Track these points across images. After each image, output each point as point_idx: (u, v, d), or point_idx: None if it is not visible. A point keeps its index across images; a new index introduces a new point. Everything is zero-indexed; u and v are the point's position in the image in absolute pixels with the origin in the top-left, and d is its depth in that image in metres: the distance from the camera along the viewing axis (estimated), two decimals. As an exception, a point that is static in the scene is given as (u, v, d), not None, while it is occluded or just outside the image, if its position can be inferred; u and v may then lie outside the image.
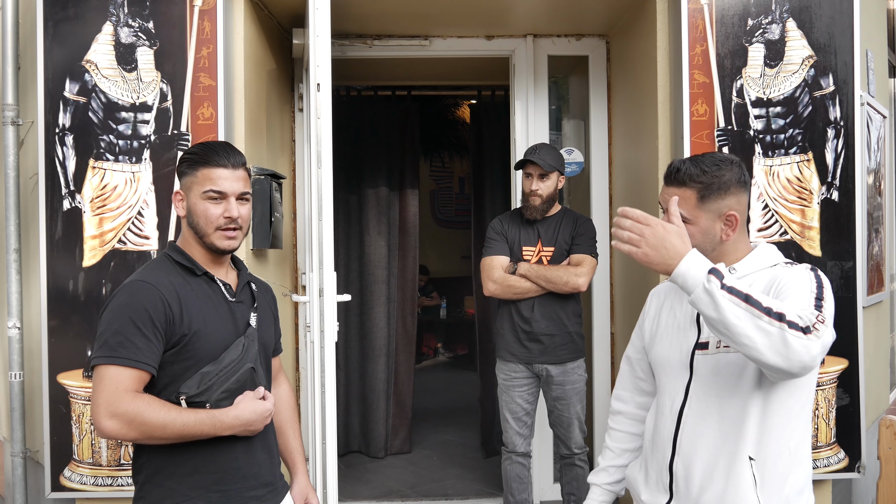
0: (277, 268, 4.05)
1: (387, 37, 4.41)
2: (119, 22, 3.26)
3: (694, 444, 1.83)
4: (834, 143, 3.37)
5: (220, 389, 1.86)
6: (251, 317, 2.01)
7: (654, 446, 1.97)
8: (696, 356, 1.87)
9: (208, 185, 1.92)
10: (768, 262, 1.87)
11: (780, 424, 1.77)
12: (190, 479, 1.87)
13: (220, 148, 1.97)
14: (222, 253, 1.98)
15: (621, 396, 2.22)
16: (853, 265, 3.40)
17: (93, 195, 3.25)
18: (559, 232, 3.52)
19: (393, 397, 5.47)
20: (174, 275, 1.93)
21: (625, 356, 2.21)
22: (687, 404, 1.87)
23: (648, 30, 3.67)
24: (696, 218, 1.83)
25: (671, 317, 1.99)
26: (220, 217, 1.92)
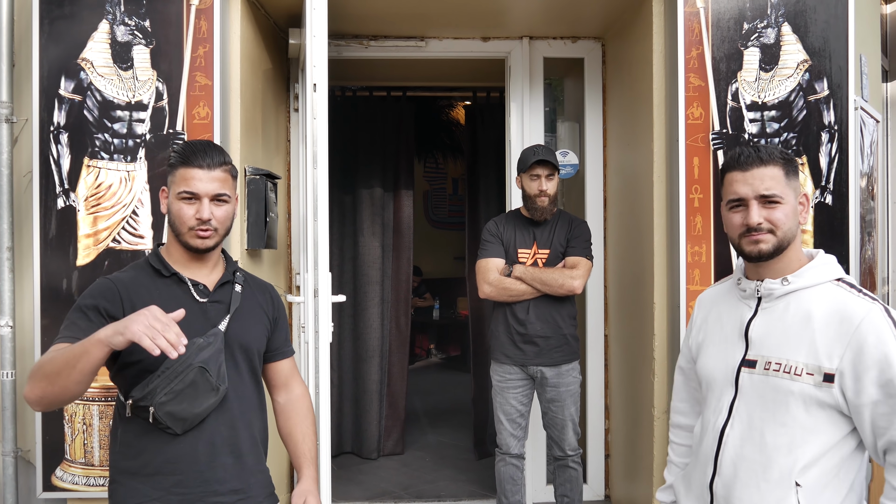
0: (272, 268, 4.04)
1: (383, 37, 4.41)
2: (115, 20, 3.25)
3: (734, 467, 1.77)
4: (828, 147, 3.39)
5: (163, 391, 1.81)
6: (225, 318, 1.97)
7: (696, 462, 1.91)
8: (742, 373, 1.80)
9: (182, 186, 1.92)
10: (828, 275, 1.78)
11: (832, 452, 1.69)
12: (152, 479, 1.87)
13: (199, 148, 1.95)
14: (198, 251, 1.96)
15: (679, 409, 2.15)
16: (847, 269, 3.41)
17: (87, 194, 3.24)
18: (555, 234, 3.52)
19: (386, 398, 5.46)
20: (145, 276, 1.96)
21: (677, 367, 2.15)
22: (729, 423, 1.80)
23: (644, 33, 3.68)
24: (785, 196, 1.75)
25: (718, 326, 1.92)
26: (192, 218, 1.92)
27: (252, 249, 3.61)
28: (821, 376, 1.66)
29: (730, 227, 1.83)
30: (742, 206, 1.78)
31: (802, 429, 1.68)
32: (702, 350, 1.96)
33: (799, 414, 1.69)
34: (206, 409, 1.88)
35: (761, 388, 1.75)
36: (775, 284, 1.78)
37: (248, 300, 2.07)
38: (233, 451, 1.95)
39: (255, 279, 2.18)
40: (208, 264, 2.02)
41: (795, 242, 1.79)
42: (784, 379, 1.70)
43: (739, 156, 1.80)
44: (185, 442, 1.87)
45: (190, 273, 1.99)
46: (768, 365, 1.74)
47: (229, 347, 1.96)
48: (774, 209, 1.75)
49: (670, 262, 3.46)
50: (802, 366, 1.69)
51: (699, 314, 2.03)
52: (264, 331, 2.10)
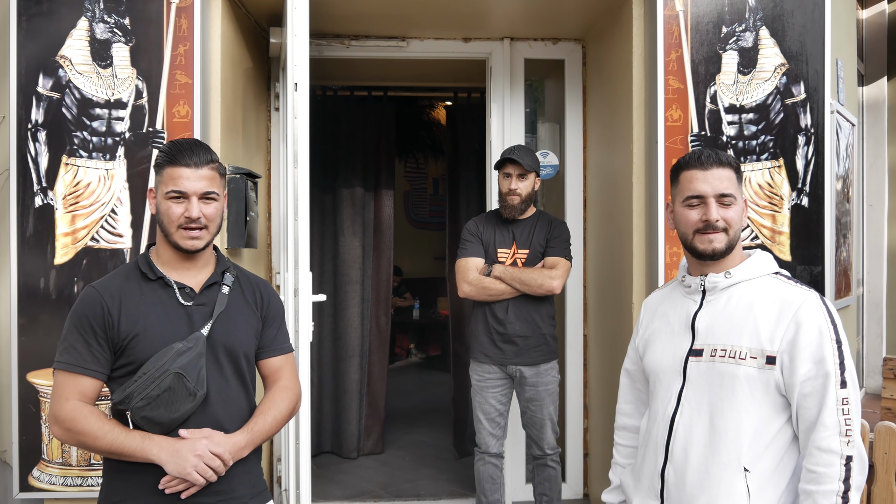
0: (252, 267, 4.03)
1: (364, 37, 4.41)
2: (94, 17, 3.23)
3: (685, 453, 1.84)
4: (804, 149, 3.43)
5: (139, 396, 1.83)
6: (208, 322, 1.95)
7: (646, 452, 1.97)
8: (690, 362, 1.88)
9: (171, 185, 1.92)
10: (765, 269, 1.90)
11: (776, 438, 1.78)
12: (136, 477, 1.88)
13: (185, 146, 1.95)
14: (188, 252, 1.95)
15: (624, 410, 2.21)
16: (822, 270, 3.46)
17: (65, 192, 3.22)
18: (534, 234, 3.54)
19: (366, 398, 5.46)
20: (132, 280, 1.97)
21: (623, 369, 2.21)
22: (679, 411, 1.88)
23: (624, 35, 3.70)
24: (738, 197, 1.88)
25: (664, 322, 2.00)
26: (181, 217, 1.92)
27: (232, 248, 3.60)
28: (763, 359, 1.77)
29: (684, 224, 1.92)
30: (700, 204, 1.88)
31: (747, 412, 1.78)
32: (649, 346, 2.04)
33: (744, 397, 1.78)
34: (184, 414, 1.88)
35: (708, 375, 1.84)
36: (719, 278, 1.89)
37: (237, 301, 2.04)
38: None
39: (250, 277, 2.15)
40: (197, 264, 2.01)
41: (738, 242, 1.92)
42: (730, 364, 1.81)
43: (700, 155, 1.90)
44: None
45: (178, 275, 1.98)
46: (714, 352, 1.84)
47: (213, 350, 1.95)
48: (729, 208, 1.87)
49: (649, 263, 3.49)
50: (746, 350, 1.80)
51: (645, 316, 2.13)
52: (253, 331, 2.06)
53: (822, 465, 1.69)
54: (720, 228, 1.85)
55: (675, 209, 1.95)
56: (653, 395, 2.00)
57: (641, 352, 2.08)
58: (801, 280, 3.36)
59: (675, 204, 1.96)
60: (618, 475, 2.18)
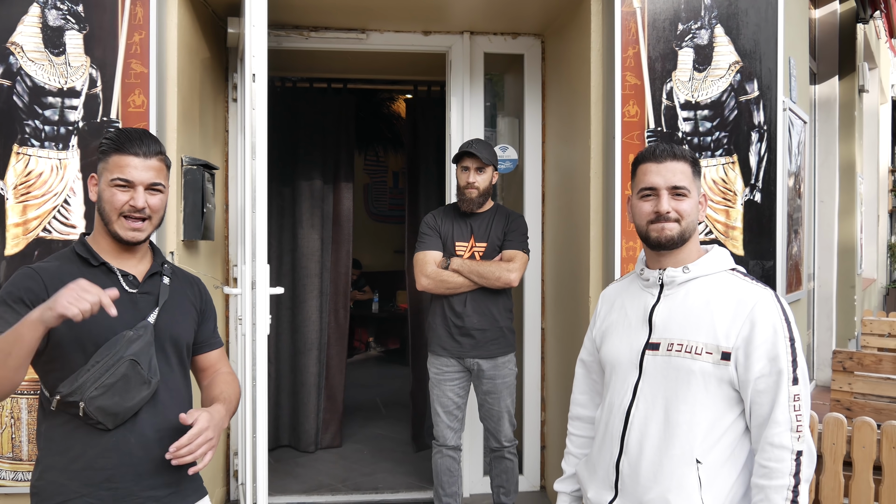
0: (209, 259, 3.99)
1: (324, 28, 4.38)
2: (46, 4, 3.16)
3: (640, 445, 1.87)
4: (757, 146, 3.50)
5: (93, 385, 1.78)
6: (154, 310, 1.93)
7: (602, 443, 1.99)
8: (646, 356, 1.91)
9: (117, 173, 1.88)
10: (722, 265, 1.93)
11: (728, 431, 1.82)
12: (81, 475, 1.82)
13: (135, 135, 1.92)
14: (128, 244, 1.92)
15: (579, 401, 2.23)
16: (773, 264, 3.53)
17: (16, 182, 3.15)
18: (492, 228, 3.56)
19: (324, 391, 5.44)
20: (72, 265, 1.91)
21: (579, 360, 2.23)
22: (634, 404, 1.90)
23: (582, 31, 3.74)
24: (691, 191, 1.91)
25: (622, 315, 2.03)
26: (126, 205, 1.88)
27: (188, 240, 3.56)
28: (719, 355, 1.80)
29: (639, 215, 1.96)
30: (653, 196, 1.92)
31: (702, 406, 1.81)
32: (605, 338, 2.07)
33: (699, 392, 1.82)
34: (138, 402, 1.84)
35: (664, 369, 1.87)
36: (677, 272, 1.92)
37: (177, 293, 2.04)
38: (165, 445, 1.87)
39: (183, 272, 2.15)
40: (136, 255, 1.98)
41: (694, 236, 1.95)
42: (685, 358, 1.83)
43: (655, 149, 1.94)
44: (117, 436, 1.83)
45: (118, 263, 1.94)
46: (671, 346, 1.87)
47: (159, 340, 1.93)
48: (682, 201, 1.90)
49: (605, 257, 3.53)
50: (702, 345, 1.82)
51: (603, 307, 2.15)
52: (192, 323, 2.07)
53: (773, 461, 1.73)
54: (672, 219, 1.88)
55: (632, 201, 1.99)
56: (608, 387, 2.02)
57: (598, 343, 2.10)
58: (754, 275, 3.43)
59: (632, 197, 2.00)
60: (571, 465, 2.20)
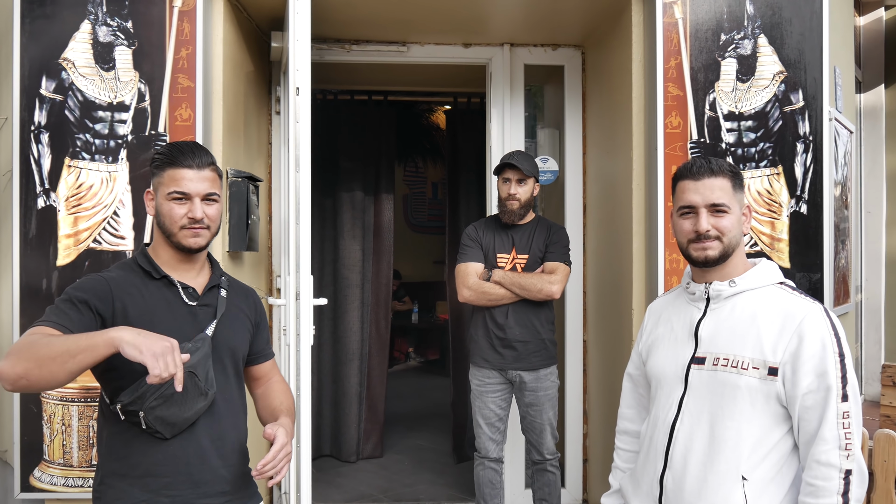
0: (253, 270, 4.05)
1: (365, 42, 4.42)
2: (97, 20, 3.24)
3: (684, 460, 1.85)
4: (803, 157, 3.45)
5: (153, 396, 1.80)
6: (212, 323, 1.97)
7: (646, 458, 1.98)
8: (692, 370, 1.89)
9: (173, 187, 1.92)
10: (770, 279, 1.90)
11: (776, 448, 1.79)
12: (141, 482, 1.87)
13: (187, 148, 1.96)
14: (190, 251, 1.96)
15: (626, 415, 2.22)
16: (821, 277, 3.47)
17: (68, 194, 3.23)
18: (533, 239, 3.55)
19: (365, 401, 5.47)
20: (135, 276, 1.95)
21: (626, 374, 2.22)
22: (679, 418, 1.88)
23: (623, 42, 3.73)
24: (732, 206, 1.89)
25: (668, 328, 2.01)
26: (184, 217, 1.92)
27: (234, 251, 3.61)
28: (766, 370, 1.77)
29: (679, 233, 1.94)
30: (692, 214, 1.90)
31: (748, 422, 1.78)
32: (652, 351, 2.05)
33: (745, 407, 1.79)
34: (195, 413, 1.88)
35: (710, 384, 1.85)
36: (723, 286, 1.90)
37: (233, 305, 2.07)
38: (221, 454, 1.95)
39: (238, 284, 2.18)
40: (196, 266, 2.02)
41: (739, 249, 1.92)
42: (732, 374, 1.81)
43: (692, 166, 1.92)
44: (174, 445, 1.88)
45: (178, 276, 1.98)
46: (717, 361, 1.84)
47: (217, 351, 1.96)
48: (722, 217, 1.88)
49: (648, 269, 3.50)
50: (749, 360, 1.79)
51: (649, 321, 2.14)
52: (247, 335, 2.11)
53: (820, 479, 1.69)
54: (712, 237, 1.86)
55: (673, 218, 1.98)
56: (654, 401, 2.00)
57: (644, 357, 2.08)
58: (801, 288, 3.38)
59: (673, 213, 1.98)
60: (617, 479, 2.19)
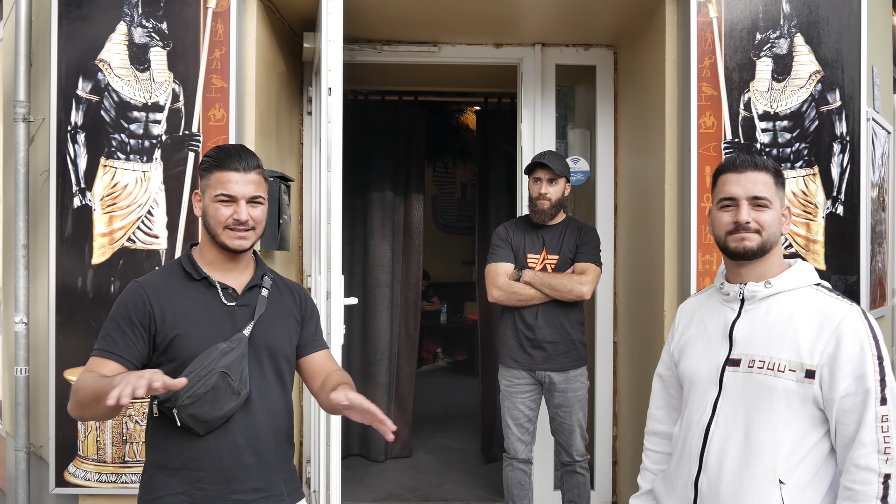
0: (284, 269, 4.07)
1: (396, 42, 4.43)
2: (133, 22, 3.28)
3: (720, 463, 1.83)
4: (840, 157, 3.40)
5: (186, 394, 1.86)
6: (250, 323, 2.00)
7: (680, 460, 1.96)
8: (727, 372, 1.87)
9: (219, 189, 1.97)
10: (807, 280, 1.87)
11: (812, 451, 1.76)
12: (178, 474, 1.93)
13: (233, 151, 2.00)
14: (234, 252, 2.00)
15: (656, 416, 2.20)
16: (857, 279, 3.42)
17: (103, 193, 3.27)
18: (564, 240, 3.54)
19: (394, 401, 5.48)
20: (176, 278, 2.02)
21: (656, 374, 2.20)
22: (714, 421, 1.86)
23: (657, 42, 3.69)
24: (773, 202, 1.87)
25: (701, 329, 1.99)
26: (230, 218, 1.96)
27: (265, 251, 3.63)
28: (803, 372, 1.75)
29: (718, 225, 1.92)
30: (733, 206, 1.89)
31: (785, 425, 1.76)
32: (684, 353, 2.02)
33: (782, 410, 1.76)
34: (228, 412, 1.92)
35: (745, 386, 1.82)
36: (758, 287, 1.88)
37: (276, 303, 2.09)
38: (255, 452, 1.98)
39: (286, 281, 2.20)
40: (240, 265, 2.06)
41: (777, 248, 1.90)
42: (768, 376, 1.78)
43: (735, 159, 1.91)
44: (209, 441, 1.93)
45: (221, 275, 2.03)
46: (752, 363, 1.82)
47: (255, 350, 1.99)
48: (763, 211, 1.86)
49: (681, 270, 3.47)
50: (785, 363, 1.77)
51: (681, 321, 2.11)
52: (293, 333, 2.13)
53: (859, 483, 1.67)
54: (752, 230, 1.84)
55: (712, 212, 1.96)
56: (687, 403, 1.98)
57: (676, 358, 2.06)
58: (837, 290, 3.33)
59: (712, 207, 1.96)
60: (647, 480, 2.17)
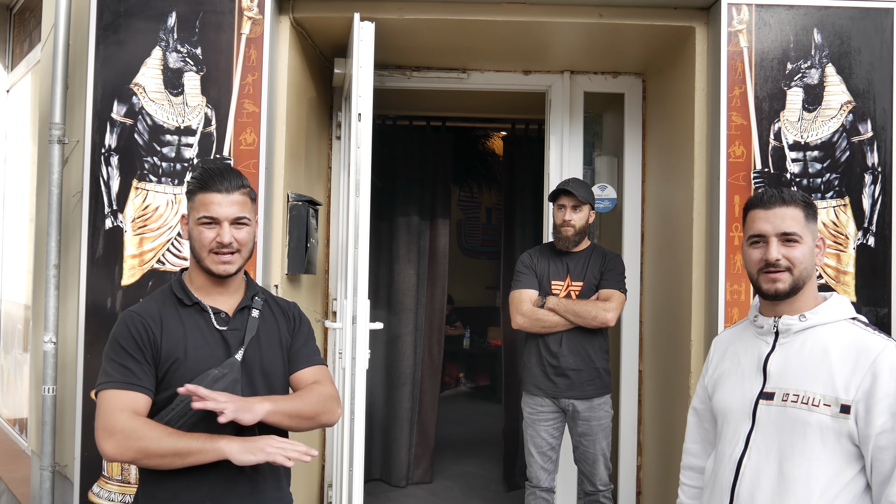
0: (310, 293, 4.09)
1: (425, 68, 4.46)
2: (168, 47, 3.34)
3: (752, 497, 1.80)
4: (871, 188, 3.37)
5: (177, 423, 1.83)
6: (241, 347, 1.96)
7: (711, 494, 1.94)
8: (760, 405, 1.85)
9: (202, 211, 1.92)
10: (842, 314, 1.84)
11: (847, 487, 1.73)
12: (174, 483, 1.87)
13: (216, 172, 1.95)
14: (220, 277, 1.95)
15: (691, 450, 2.19)
16: (888, 311, 3.37)
17: (135, 215, 3.31)
18: (588, 267, 3.53)
19: (417, 426, 5.46)
20: (169, 305, 1.97)
21: (691, 408, 2.19)
22: (747, 455, 1.84)
23: (686, 70, 3.69)
24: (804, 236, 1.84)
25: (735, 363, 1.97)
26: (213, 241, 1.91)
27: (292, 274, 3.65)
28: (838, 407, 1.71)
29: (749, 263, 1.91)
30: (762, 243, 1.87)
31: (819, 461, 1.73)
32: (718, 386, 2.01)
33: (816, 445, 1.73)
34: None
35: (779, 420, 1.80)
36: (793, 320, 1.85)
37: (268, 324, 2.05)
38: (249, 480, 1.93)
39: (279, 300, 2.16)
40: (230, 288, 2.01)
41: (811, 282, 1.87)
42: (802, 410, 1.75)
43: (763, 195, 1.89)
44: (202, 470, 1.85)
45: (211, 300, 1.99)
46: (786, 397, 1.79)
47: (248, 374, 1.95)
48: (793, 248, 1.83)
49: (708, 300, 3.44)
50: (820, 397, 1.74)
51: (715, 354, 2.10)
52: (285, 352, 2.07)
53: None
54: (782, 268, 1.82)
55: (743, 249, 1.95)
56: (720, 436, 1.96)
57: (710, 391, 2.05)
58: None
59: (743, 244, 1.95)
60: None
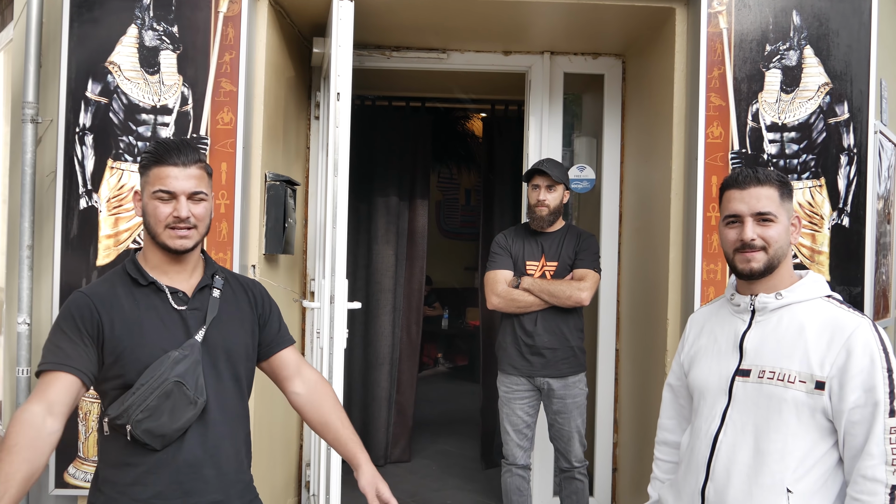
0: (288, 273, 4.07)
1: (405, 48, 4.44)
2: (144, 25, 3.29)
3: (727, 472, 1.84)
4: (846, 169, 3.40)
5: (139, 408, 1.77)
6: (202, 328, 1.90)
7: (687, 469, 1.97)
8: (736, 382, 1.88)
9: (157, 185, 1.85)
10: (817, 292, 1.87)
11: (821, 461, 1.77)
12: (130, 489, 1.82)
13: (172, 145, 1.88)
14: (177, 253, 1.89)
15: (666, 426, 2.22)
16: (861, 290, 3.42)
17: (109, 195, 3.27)
18: (563, 247, 3.55)
19: (395, 406, 5.48)
20: (122, 285, 1.90)
21: (666, 384, 2.21)
22: (722, 430, 1.87)
23: (666, 52, 3.70)
24: (779, 215, 1.86)
25: (711, 340, 2.00)
26: (170, 216, 1.85)
27: (269, 254, 3.63)
28: (812, 384, 1.76)
29: (725, 243, 1.93)
30: (738, 223, 1.89)
31: (794, 436, 1.77)
32: (695, 363, 2.04)
33: (791, 421, 1.77)
34: (185, 423, 1.82)
35: (755, 396, 1.83)
36: (769, 298, 1.88)
37: (229, 303, 2.00)
38: (214, 463, 1.89)
39: (240, 278, 2.11)
40: (187, 267, 1.95)
41: (786, 261, 1.90)
42: (778, 387, 1.79)
43: (738, 175, 1.91)
44: (166, 454, 1.83)
45: (168, 279, 1.92)
46: (762, 374, 1.83)
47: (210, 355, 1.90)
48: (768, 227, 1.86)
49: (685, 279, 3.47)
50: (795, 374, 1.78)
51: (692, 331, 2.13)
52: (250, 333, 2.03)
53: (866, 494, 1.67)
54: (758, 247, 1.85)
55: (719, 228, 1.97)
56: (696, 413, 2.00)
57: (686, 368, 2.07)
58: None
59: (720, 223, 1.97)
60: (656, 490, 2.18)
